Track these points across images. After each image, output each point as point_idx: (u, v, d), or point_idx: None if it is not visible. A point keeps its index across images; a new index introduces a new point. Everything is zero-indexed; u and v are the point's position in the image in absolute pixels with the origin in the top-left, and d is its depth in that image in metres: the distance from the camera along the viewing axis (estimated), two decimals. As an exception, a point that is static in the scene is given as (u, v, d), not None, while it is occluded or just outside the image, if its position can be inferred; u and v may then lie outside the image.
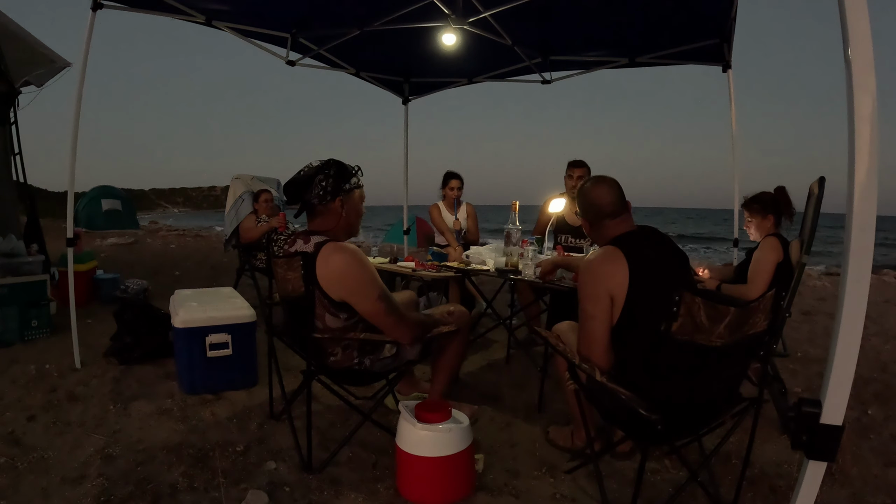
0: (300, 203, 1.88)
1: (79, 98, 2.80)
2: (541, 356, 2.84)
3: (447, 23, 3.45)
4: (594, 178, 1.83)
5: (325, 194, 1.83)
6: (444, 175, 4.14)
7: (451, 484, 1.76)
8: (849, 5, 0.94)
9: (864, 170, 0.95)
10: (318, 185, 1.82)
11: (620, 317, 1.57)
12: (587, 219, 1.82)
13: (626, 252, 1.59)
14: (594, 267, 1.63)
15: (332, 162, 1.88)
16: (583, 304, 1.65)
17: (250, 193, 4.91)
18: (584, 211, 1.82)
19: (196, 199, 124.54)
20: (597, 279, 1.61)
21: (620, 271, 1.56)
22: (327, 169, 1.84)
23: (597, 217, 1.77)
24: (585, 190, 1.82)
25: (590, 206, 1.79)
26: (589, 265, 1.66)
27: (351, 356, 1.88)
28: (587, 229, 1.85)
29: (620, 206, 1.76)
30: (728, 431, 1.66)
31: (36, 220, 4.43)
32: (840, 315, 0.98)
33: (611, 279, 1.57)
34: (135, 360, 3.00)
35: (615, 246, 1.63)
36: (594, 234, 1.82)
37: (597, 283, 1.60)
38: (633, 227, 1.74)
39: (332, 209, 1.86)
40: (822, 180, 2.20)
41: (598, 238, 1.80)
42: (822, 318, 4.63)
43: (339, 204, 1.86)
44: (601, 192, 1.77)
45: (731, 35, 3.49)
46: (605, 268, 1.60)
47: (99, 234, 12.34)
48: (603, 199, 1.75)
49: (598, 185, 1.79)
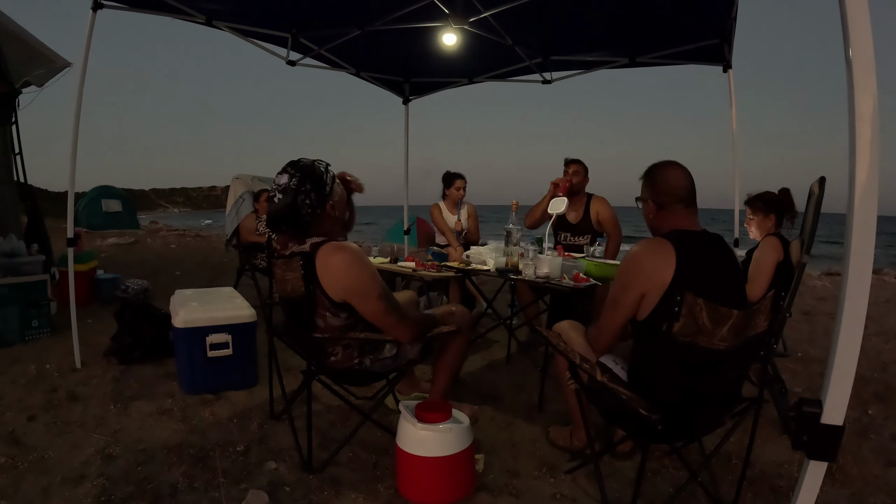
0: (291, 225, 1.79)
1: (79, 98, 2.80)
2: (541, 356, 2.84)
3: (447, 23, 3.45)
4: (668, 161, 1.67)
5: (315, 207, 1.77)
6: (446, 175, 4.12)
7: (452, 484, 1.76)
8: (849, 5, 0.94)
9: (864, 170, 0.95)
10: (302, 204, 1.75)
11: (649, 316, 1.49)
12: (657, 201, 1.61)
13: (677, 250, 1.46)
14: (640, 258, 1.51)
15: (302, 175, 1.76)
16: (613, 288, 1.58)
17: (250, 193, 4.91)
18: (654, 191, 1.62)
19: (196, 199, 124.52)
20: (637, 271, 1.50)
21: (664, 270, 1.44)
22: (302, 185, 1.75)
23: (670, 199, 1.59)
24: (659, 168, 1.64)
25: (664, 185, 1.61)
26: (635, 255, 1.53)
27: (351, 356, 1.88)
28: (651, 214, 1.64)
29: (693, 195, 1.61)
30: (728, 431, 1.66)
31: (40, 220, 4.43)
32: (840, 315, 0.98)
33: (651, 276, 1.46)
34: (135, 360, 3.00)
35: (668, 240, 1.49)
36: (657, 220, 1.63)
37: (635, 275, 1.50)
38: (697, 226, 1.59)
39: (326, 216, 1.81)
40: (823, 180, 2.20)
41: (656, 226, 1.63)
42: (823, 318, 4.63)
43: (330, 208, 1.81)
44: (678, 173, 1.61)
45: (732, 35, 3.49)
46: (648, 263, 1.48)
47: (99, 234, 12.35)
48: (679, 180, 1.60)
49: (675, 166, 1.63)
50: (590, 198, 3.59)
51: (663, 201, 1.60)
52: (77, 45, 3.02)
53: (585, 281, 2.46)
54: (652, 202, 1.63)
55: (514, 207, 2.87)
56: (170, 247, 10.28)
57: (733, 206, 3.66)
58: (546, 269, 2.52)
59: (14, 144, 4.45)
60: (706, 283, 1.43)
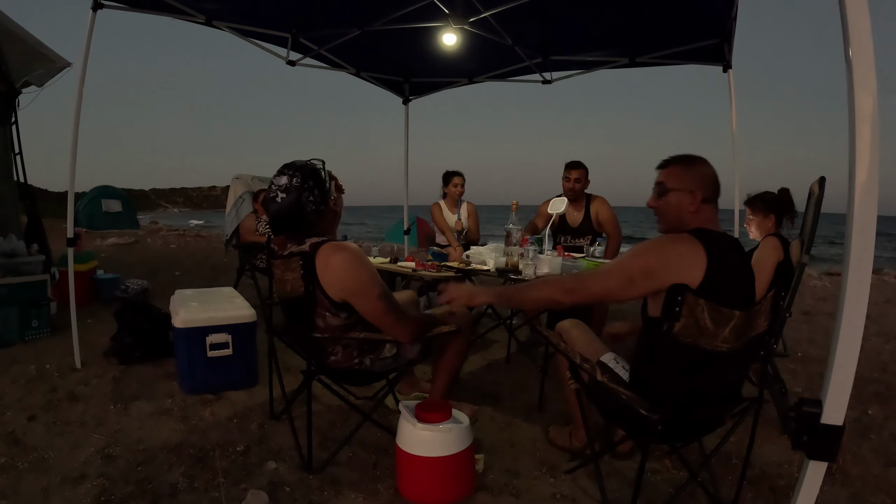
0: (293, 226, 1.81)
1: (79, 98, 2.80)
2: (541, 356, 2.84)
3: (447, 23, 3.45)
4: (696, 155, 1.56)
5: (319, 204, 1.80)
6: (445, 174, 4.14)
7: (452, 484, 1.76)
8: (849, 5, 0.94)
9: (864, 170, 0.95)
10: (307, 202, 1.77)
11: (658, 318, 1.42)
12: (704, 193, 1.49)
13: (707, 252, 1.37)
14: (674, 250, 1.41)
15: (303, 175, 1.77)
16: (631, 265, 1.45)
17: (250, 193, 4.90)
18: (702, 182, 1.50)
19: (196, 199, 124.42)
20: (667, 263, 1.39)
21: (695, 270, 1.36)
22: (305, 183, 1.76)
23: (714, 193, 1.51)
24: (702, 160, 1.54)
25: (711, 178, 1.51)
26: (667, 245, 1.43)
27: (351, 356, 1.88)
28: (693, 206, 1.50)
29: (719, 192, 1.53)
30: (728, 431, 1.66)
31: (38, 220, 4.42)
32: (840, 315, 0.98)
33: (680, 273, 1.37)
34: (135, 360, 3.00)
35: (699, 242, 1.40)
36: (692, 214, 1.50)
37: (665, 266, 1.39)
38: (719, 228, 1.53)
39: (329, 211, 1.86)
40: (823, 180, 2.20)
41: (686, 221, 1.51)
42: (823, 318, 4.63)
43: (332, 204, 1.87)
44: (712, 169, 1.53)
45: (732, 35, 3.49)
46: (683, 260, 1.38)
47: (99, 234, 12.34)
48: (715, 176, 1.52)
49: (706, 161, 1.54)
50: (589, 198, 3.60)
51: (710, 195, 1.50)
52: (77, 45, 3.03)
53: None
54: (700, 194, 1.48)
55: (514, 207, 2.87)
56: (170, 247, 10.27)
57: (733, 206, 3.66)
58: (546, 269, 2.52)
59: (14, 144, 4.45)
60: (728, 290, 1.39)
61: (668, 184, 1.54)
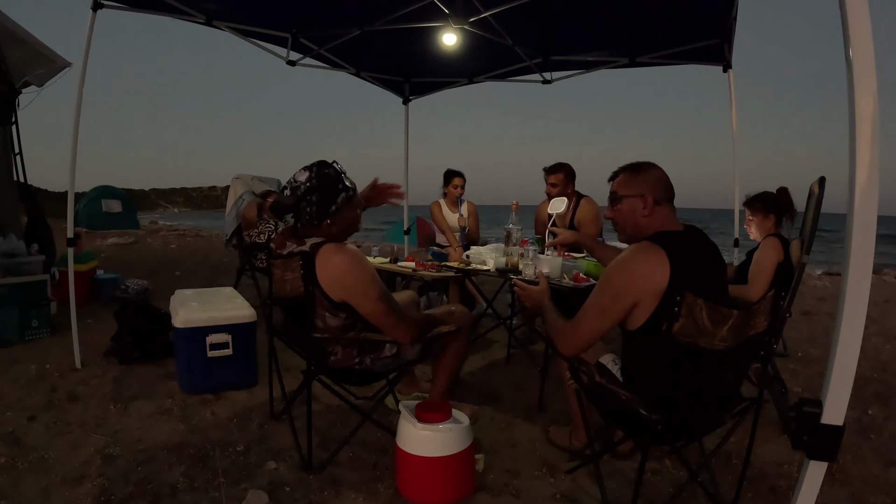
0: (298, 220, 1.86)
1: (79, 98, 2.80)
2: (541, 356, 2.84)
3: (447, 23, 3.46)
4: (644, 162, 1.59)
5: (312, 219, 1.80)
6: (446, 173, 4.14)
7: (452, 484, 1.76)
8: (850, 5, 0.94)
9: (865, 169, 0.95)
10: (303, 211, 1.79)
11: (646, 322, 1.43)
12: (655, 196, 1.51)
13: (669, 253, 1.40)
14: (633, 264, 1.43)
15: (315, 185, 1.77)
16: (601, 296, 1.48)
17: (250, 193, 4.90)
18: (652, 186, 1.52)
19: (196, 199, 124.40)
20: (631, 278, 1.42)
21: (659, 275, 1.38)
22: (309, 196, 1.77)
23: (665, 195, 1.52)
24: (648, 165, 1.56)
25: (660, 181, 1.54)
26: (626, 261, 1.45)
27: (351, 355, 1.88)
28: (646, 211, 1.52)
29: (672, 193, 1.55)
30: (728, 431, 1.66)
31: (43, 220, 4.42)
32: (841, 315, 0.98)
33: (647, 283, 1.39)
34: (135, 360, 3.00)
35: (658, 245, 1.42)
36: (648, 218, 1.53)
37: (629, 284, 1.42)
38: (680, 225, 1.54)
39: (322, 228, 1.82)
40: (823, 180, 2.20)
41: (644, 225, 1.53)
42: (823, 318, 4.63)
43: (326, 226, 1.82)
44: (661, 172, 1.54)
45: (732, 35, 3.49)
46: (643, 268, 1.41)
47: (99, 234, 12.34)
48: (668, 178, 1.54)
49: (654, 165, 1.56)
50: (579, 199, 3.55)
51: (661, 196, 1.52)
52: (77, 45, 3.03)
53: (585, 281, 2.46)
54: (651, 197, 1.52)
55: (514, 207, 2.87)
56: (170, 247, 10.27)
57: (733, 207, 3.66)
58: (546, 270, 2.52)
59: (14, 144, 4.45)
60: (701, 282, 1.41)
61: (618, 192, 1.58)
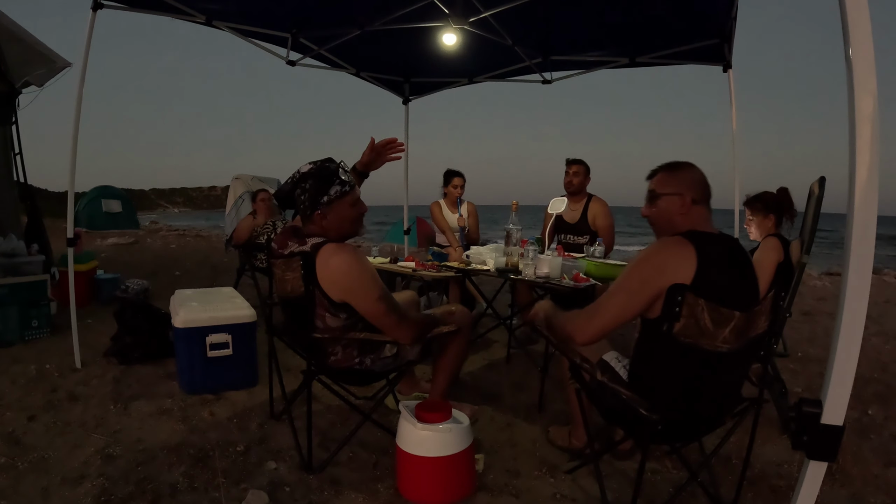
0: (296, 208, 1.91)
1: (79, 98, 2.80)
2: (541, 356, 2.84)
3: (447, 23, 3.45)
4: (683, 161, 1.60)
5: (305, 208, 1.83)
6: (446, 173, 4.13)
7: (452, 484, 1.76)
8: (849, 5, 0.94)
9: (864, 169, 0.95)
10: (298, 199, 1.84)
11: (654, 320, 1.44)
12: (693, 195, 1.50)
13: (698, 252, 1.39)
14: (666, 254, 1.44)
15: (312, 172, 1.82)
16: (629, 280, 1.47)
17: (250, 193, 4.91)
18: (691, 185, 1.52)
19: (196, 199, 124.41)
20: (662, 269, 1.41)
21: (684, 270, 1.38)
22: (303, 182, 1.82)
23: (703, 195, 1.52)
24: (689, 164, 1.56)
25: (699, 180, 1.53)
26: (659, 250, 1.46)
27: (351, 355, 1.88)
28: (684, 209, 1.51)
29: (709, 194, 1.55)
30: (728, 431, 1.66)
31: (39, 220, 4.42)
32: (840, 315, 0.98)
33: (674, 275, 1.38)
34: (135, 360, 3.00)
35: (689, 241, 1.41)
36: (683, 217, 1.52)
37: (660, 272, 1.41)
38: (715, 229, 1.53)
39: (314, 219, 1.84)
40: (823, 180, 2.20)
41: (678, 223, 1.52)
42: (823, 318, 4.64)
43: (318, 216, 1.82)
44: (699, 172, 1.55)
45: (732, 35, 3.49)
46: (673, 260, 1.40)
47: (99, 234, 12.34)
48: (706, 180, 1.54)
49: (693, 165, 1.56)
50: (589, 198, 3.59)
51: (699, 196, 1.52)
52: (77, 45, 3.03)
53: (585, 281, 2.46)
54: (689, 196, 1.50)
55: (514, 207, 2.87)
56: (170, 247, 10.28)
57: (733, 207, 3.66)
58: (546, 269, 2.52)
59: (14, 144, 4.45)
60: (721, 288, 1.40)
61: (657, 190, 1.57)
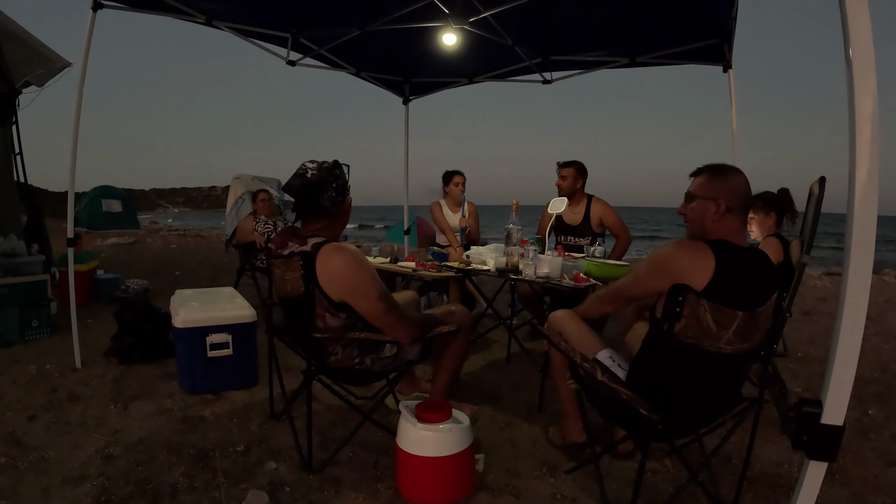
0: (309, 206, 1.84)
1: (79, 98, 2.80)
2: (541, 356, 2.84)
3: (447, 23, 3.45)
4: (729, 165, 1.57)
5: (338, 195, 1.83)
6: (446, 173, 4.14)
7: (452, 484, 1.76)
8: (850, 5, 0.94)
9: (864, 170, 0.95)
10: (329, 187, 1.81)
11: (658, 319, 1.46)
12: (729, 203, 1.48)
13: (718, 262, 1.38)
14: (677, 255, 1.45)
15: (335, 162, 1.88)
16: (643, 265, 1.55)
17: (250, 193, 4.91)
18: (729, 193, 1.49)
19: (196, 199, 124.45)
20: (667, 265, 1.45)
21: (694, 278, 1.38)
22: (336, 169, 1.85)
23: (740, 205, 1.50)
24: (733, 170, 1.53)
25: (740, 189, 1.50)
26: (673, 250, 1.47)
27: (351, 355, 1.88)
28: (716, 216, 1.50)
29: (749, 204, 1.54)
30: (728, 431, 1.66)
31: (39, 220, 4.43)
32: (841, 315, 0.98)
33: (679, 277, 1.40)
34: (135, 360, 3.00)
35: (710, 249, 1.41)
36: (716, 224, 1.51)
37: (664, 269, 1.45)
38: (745, 242, 1.53)
39: (343, 209, 1.88)
40: (823, 180, 2.19)
41: (709, 230, 1.52)
42: (823, 318, 4.63)
43: (348, 203, 1.89)
44: (747, 181, 1.52)
45: (732, 35, 3.49)
46: (683, 263, 1.42)
47: (99, 234, 12.35)
48: (749, 189, 1.52)
49: (738, 172, 1.53)
50: (590, 200, 3.59)
51: (735, 205, 1.49)
52: (77, 45, 3.03)
53: (585, 281, 2.46)
54: (724, 204, 1.49)
55: (514, 207, 2.87)
56: (170, 247, 10.28)
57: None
58: (546, 269, 2.52)
59: (14, 144, 4.45)
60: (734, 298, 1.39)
61: (694, 192, 1.57)
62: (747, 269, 1.46)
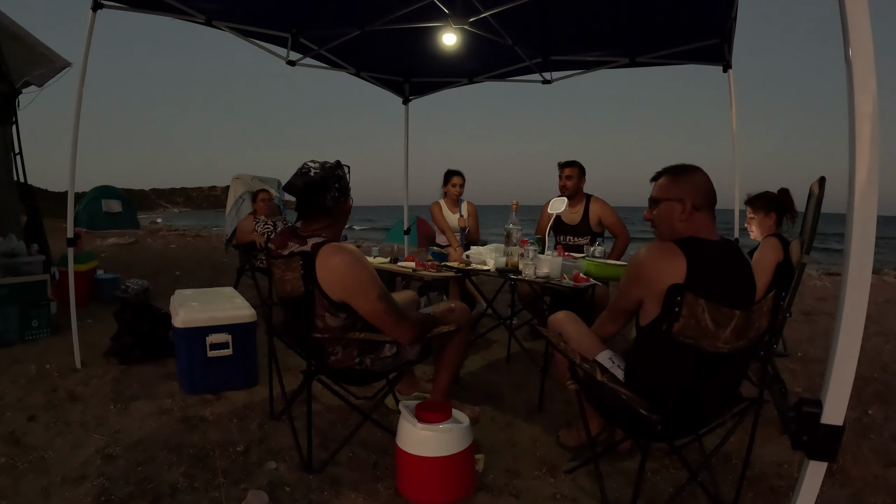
0: (310, 206, 1.84)
1: (79, 98, 2.80)
2: (541, 356, 2.84)
3: (447, 23, 3.45)
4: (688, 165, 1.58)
5: (340, 195, 1.84)
6: (446, 173, 4.14)
7: (452, 484, 1.76)
8: (849, 5, 0.94)
9: (864, 169, 0.95)
10: (332, 187, 1.82)
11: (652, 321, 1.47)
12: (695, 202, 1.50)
13: (689, 260, 1.41)
14: (644, 264, 1.50)
15: (338, 162, 1.89)
16: (622, 279, 1.61)
17: (250, 193, 4.92)
18: (692, 191, 1.51)
19: (196, 199, 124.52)
20: (640, 274, 1.50)
21: (669, 277, 1.40)
22: (339, 169, 1.86)
23: (706, 201, 1.51)
24: (694, 169, 1.55)
25: (703, 186, 1.52)
26: (642, 257, 1.51)
27: (351, 355, 1.88)
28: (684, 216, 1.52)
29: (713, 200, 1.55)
30: (728, 431, 1.66)
31: (38, 220, 4.43)
32: (840, 315, 0.98)
33: (655, 281, 1.43)
34: (135, 360, 3.00)
35: (679, 249, 1.44)
36: (684, 223, 1.52)
37: (637, 277, 1.50)
38: (715, 235, 1.54)
39: (344, 209, 1.89)
40: (823, 180, 2.20)
41: (679, 230, 1.53)
42: (823, 318, 4.63)
43: (349, 204, 1.90)
44: (708, 178, 1.54)
45: (732, 35, 3.49)
46: (653, 268, 1.46)
47: (99, 234, 12.35)
48: (711, 185, 1.54)
49: (698, 170, 1.55)
50: (588, 199, 3.59)
51: (700, 202, 1.51)
52: (77, 45, 3.03)
53: (585, 281, 2.46)
54: (689, 203, 1.50)
55: (514, 207, 2.87)
56: (170, 247, 10.28)
57: (733, 206, 3.66)
58: (546, 269, 2.52)
59: (14, 144, 4.45)
60: (714, 286, 1.41)
61: (658, 195, 1.58)
62: (719, 260, 1.48)
